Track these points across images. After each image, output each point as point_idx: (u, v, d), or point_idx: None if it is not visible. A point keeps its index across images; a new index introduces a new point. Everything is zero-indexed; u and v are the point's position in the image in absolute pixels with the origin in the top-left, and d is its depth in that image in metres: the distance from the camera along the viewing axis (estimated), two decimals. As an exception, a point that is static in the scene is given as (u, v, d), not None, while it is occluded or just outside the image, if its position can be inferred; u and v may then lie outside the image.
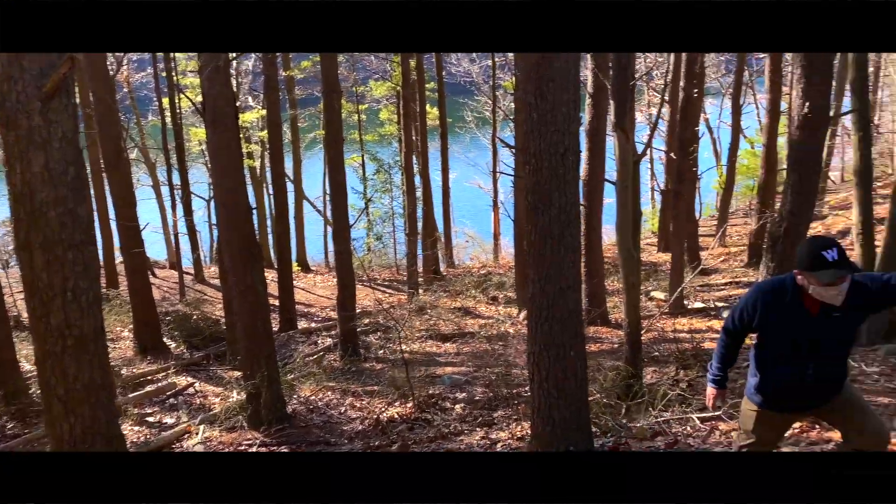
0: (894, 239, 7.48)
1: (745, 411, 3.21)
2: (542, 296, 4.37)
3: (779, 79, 15.81)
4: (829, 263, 2.59)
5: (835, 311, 2.74)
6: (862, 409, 3.02)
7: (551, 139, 4.08)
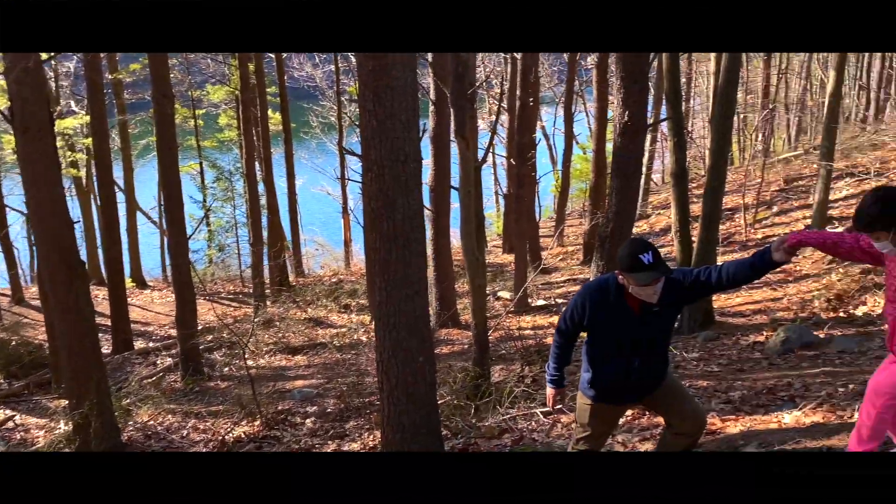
0: (707, 233, 8.29)
1: (581, 406, 3.39)
2: (389, 303, 4.36)
3: (605, 89, 16.97)
4: (645, 266, 2.79)
5: (653, 308, 2.97)
6: (681, 396, 3.29)
7: (391, 146, 4.08)
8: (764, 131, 20.47)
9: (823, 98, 19.93)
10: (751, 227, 15.65)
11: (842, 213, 13.64)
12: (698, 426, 3.26)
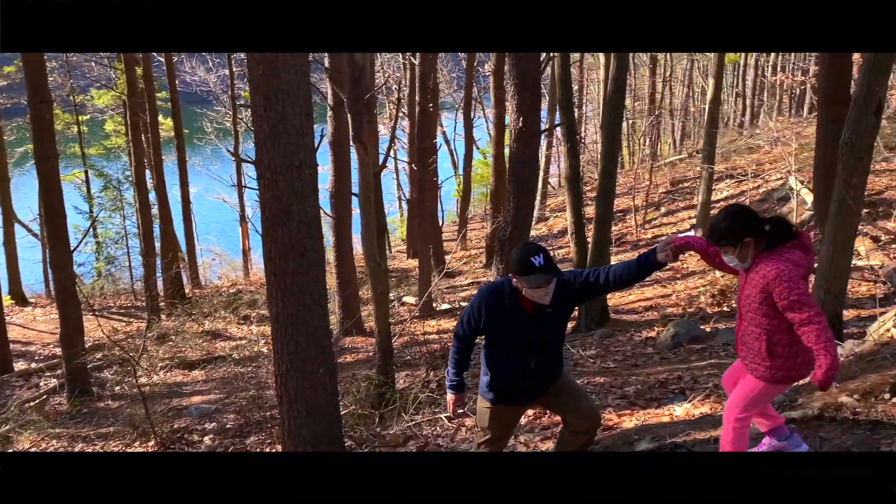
0: (601, 234, 8.59)
1: (481, 409, 3.41)
2: (286, 313, 4.24)
3: (502, 95, 17.28)
4: (536, 269, 2.86)
5: (546, 310, 3.03)
6: (576, 394, 3.37)
7: (285, 151, 3.97)
8: (651, 136, 21.51)
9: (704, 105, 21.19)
10: (641, 227, 16.38)
11: (723, 212, 14.52)
12: (593, 423, 3.35)
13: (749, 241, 2.48)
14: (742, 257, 2.51)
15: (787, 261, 2.39)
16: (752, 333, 2.53)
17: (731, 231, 2.52)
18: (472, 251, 19.97)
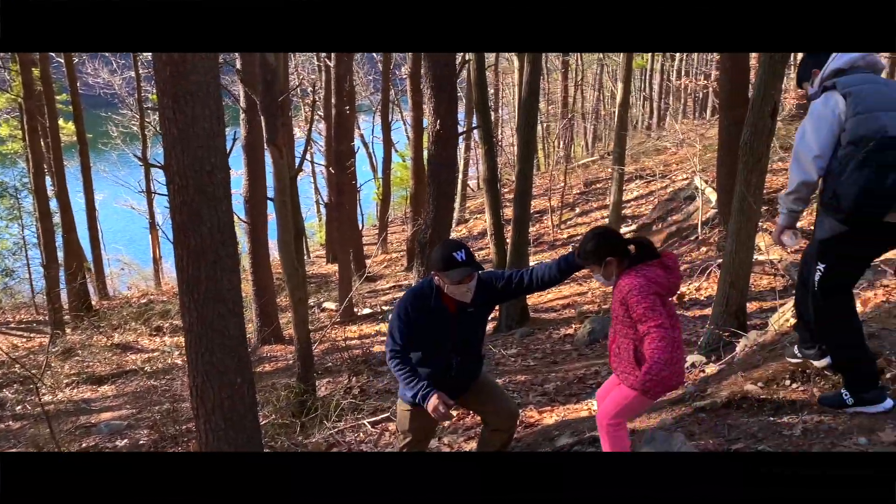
0: (519, 235, 8.73)
1: (401, 412, 3.41)
2: (201, 322, 4.08)
3: (419, 98, 17.33)
4: (459, 263, 2.88)
5: (468, 308, 3.05)
6: (495, 393, 3.41)
7: (195, 155, 3.83)
8: (565, 139, 22.06)
9: (614, 108, 21.91)
10: (557, 227, 16.78)
11: (633, 212, 15.05)
12: (511, 421, 3.41)
13: (612, 260, 2.63)
14: (606, 275, 2.67)
15: (642, 276, 2.54)
16: (622, 344, 2.67)
17: (595, 252, 2.68)
18: (393, 254, 19.93)
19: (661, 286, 2.55)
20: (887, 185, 2.43)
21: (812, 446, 2.65)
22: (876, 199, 2.45)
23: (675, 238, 11.62)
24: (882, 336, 3.29)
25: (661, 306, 2.49)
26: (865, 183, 2.45)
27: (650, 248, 2.66)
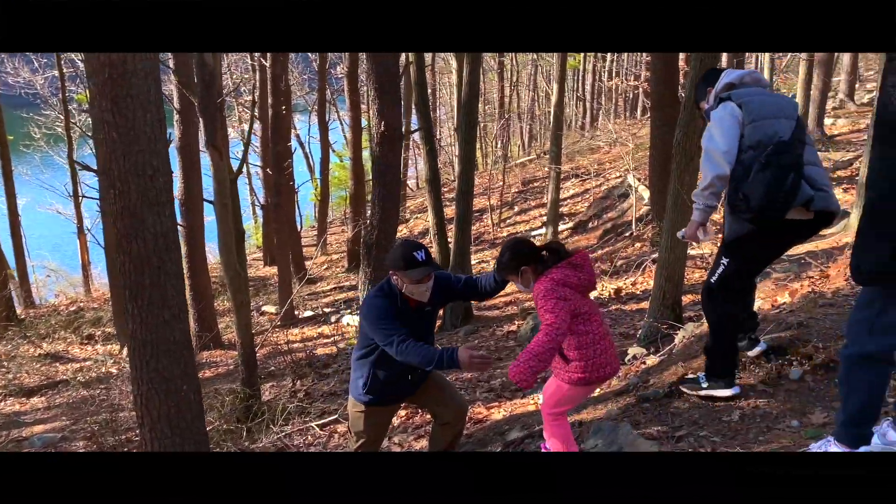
0: (462, 234, 8.84)
1: (354, 414, 3.44)
2: (145, 330, 4.00)
3: (357, 98, 17.27)
4: (419, 263, 2.94)
5: (426, 307, 3.11)
6: (443, 387, 3.48)
7: (136, 160, 3.76)
8: (502, 138, 22.32)
9: (549, 108, 22.30)
10: (497, 226, 17.00)
11: (570, 209, 15.39)
12: (461, 416, 3.49)
13: (526, 269, 2.77)
14: (524, 283, 2.80)
15: (549, 279, 2.67)
16: None
17: (510, 264, 2.81)
18: (334, 256, 19.78)
19: (571, 285, 2.67)
20: (787, 184, 2.66)
21: (749, 430, 2.81)
22: (779, 197, 2.68)
23: (611, 234, 11.95)
24: (809, 325, 3.51)
25: (562, 308, 2.59)
26: (769, 182, 2.67)
27: (561, 251, 2.79)
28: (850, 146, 13.44)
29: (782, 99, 2.89)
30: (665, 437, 2.95)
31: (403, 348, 2.95)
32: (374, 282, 5.41)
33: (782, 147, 2.69)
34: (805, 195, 2.68)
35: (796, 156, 2.70)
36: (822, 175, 2.80)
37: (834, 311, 3.68)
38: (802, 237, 3.01)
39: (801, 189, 2.68)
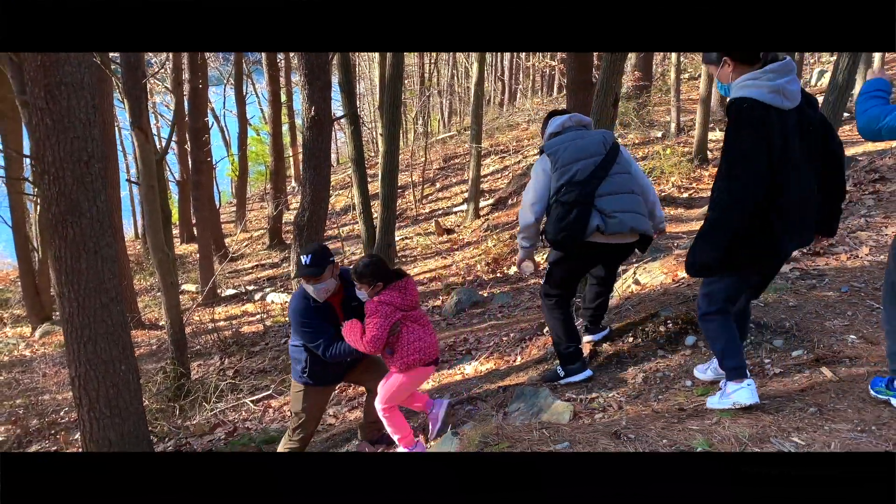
0: (387, 212, 9.04)
1: (294, 394, 3.72)
2: (83, 313, 4.08)
3: (276, 72, 17.02)
4: (302, 267, 3.31)
5: (353, 302, 3.40)
6: (375, 363, 3.77)
7: (72, 146, 3.81)
8: (423, 115, 22.46)
9: (469, 84, 22.56)
10: (419, 202, 17.25)
11: (490, 186, 15.81)
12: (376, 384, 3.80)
13: (379, 284, 3.26)
14: (371, 294, 3.29)
15: (379, 299, 3.23)
16: None
17: (370, 275, 3.26)
18: (254, 233, 19.53)
19: (396, 304, 3.24)
20: (570, 218, 3.23)
21: (650, 390, 3.22)
22: (563, 229, 3.24)
23: (530, 211, 12.40)
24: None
25: (383, 325, 3.20)
26: (555, 219, 3.28)
27: (399, 274, 3.33)
28: (747, 127, 14.36)
29: (592, 140, 3.35)
30: (580, 398, 3.33)
31: (331, 353, 3.38)
32: (306, 262, 5.57)
33: (570, 187, 3.23)
34: (593, 225, 3.21)
35: (585, 193, 3.22)
36: (624, 201, 3.26)
37: (724, 284, 4.16)
38: (621, 255, 3.54)
39: (589, 220, 3.21)
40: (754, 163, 2.43)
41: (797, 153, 2.51)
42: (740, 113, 2.46)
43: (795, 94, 2.52)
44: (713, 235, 2.54)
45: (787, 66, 2.50)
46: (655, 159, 12.15)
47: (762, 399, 2.68)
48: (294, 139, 21.48)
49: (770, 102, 2.45)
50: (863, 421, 2.43)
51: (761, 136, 2.42)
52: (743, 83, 2.49)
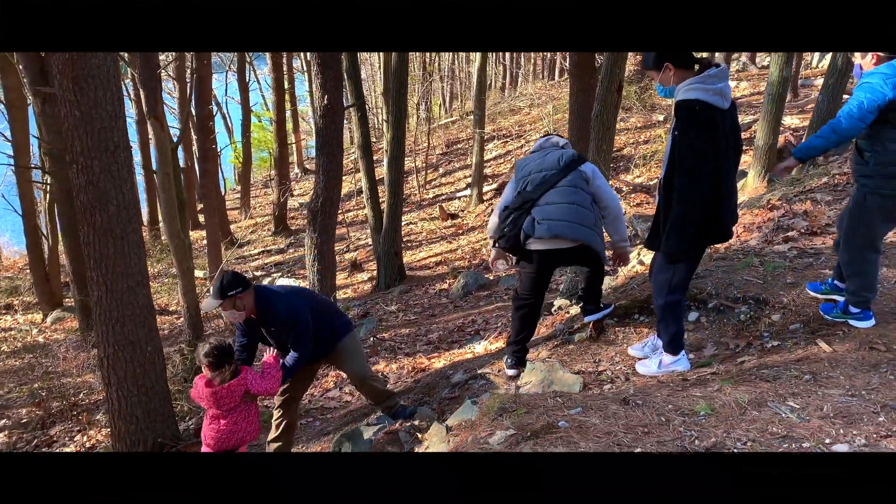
0: (394, 198, 9.21)
1: None
2: (111, 297, 4.27)
3: (279, 59, 17.12)
4: (211, 295, 3.51)
5: (270, 327, 3.65)
6: (349, 358, 4.00)
7: (99, 136, 3.98)
8: (426, 100, 22.53)
9: (470, 69, 22.57)
10: (423, 188, 17.39)
11: (493, 171, 15.95)
12: (360, 380, 4.06)
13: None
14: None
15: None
16: None
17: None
18: (259, 219, 19.70)
19: None
20: (508, 221, 3.59)
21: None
22: (502, 231, 3.61)
23: (533, 195, 12.55)
24: (705, 276, 4.15)
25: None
26: (499, 221, 3.65)
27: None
28: (749, 109, 14.49)
29: (551, 157, 3.66)
30: (589, 370, 3.52)
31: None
32: (320, 246, 5.76)
33: (518, 196, 3.60)
34: (524, 230, 3.52)
35: (525, 201, 3.55)
36: (558, 211, 3.49)
37: (725, 263, 4.33)
38: (569, 259, 3.79)
39: (522, 225, 3.53)
40: (711, 161, 2.72)
41: (731, 149, 2.83)
42: (693, 113, 2.72)
43: (730, 97, 2.81)
44: (685, 227, 2.82)
45: (724, 71, 2.79)
46: (657, 143, 12.28)
47: (761, 368, 2.86)
48: (297, 126, 21.58)
49: (714, 104, 2.73)
50: (853, 387, 2.61)
51: (712, 136, 2.71)
52: (690, 86, 2.76)
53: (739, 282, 3.91)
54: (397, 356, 5.96)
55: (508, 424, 2.40)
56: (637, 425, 2.34)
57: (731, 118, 2.84)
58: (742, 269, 4.13)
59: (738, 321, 3.60)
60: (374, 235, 9.77)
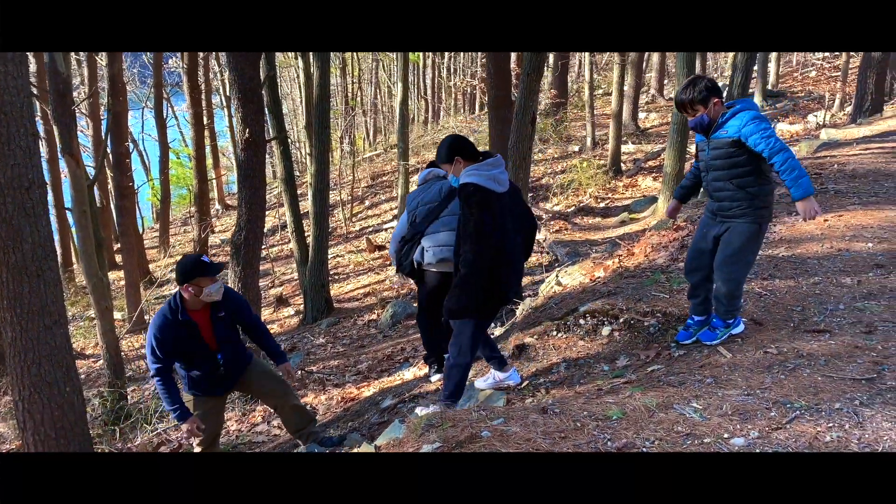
0: (319, 230, 9.23)
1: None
2: (26, 337, 4.15)
3: (198, 95, 16.92)
4: (209, 266, 3.66)
5: (220, 313, 3.75)
6: (271, 378, 4.10)
7: (13, 173, 3.91)
8: (350, 134, 22.67)
9: (392, 103, 22.89)
10: (349, 220, 17.42)
11: (419, 202, 16.12)
12: (280, 396, 4.13)
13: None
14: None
15: None
16: None
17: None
18: (178, 257, 19.17)
19: None
20: (403, 251, 4.14)
21: (573, 377, 3.59)
22: (399, 259, 4.17)
23: (457, 225, 12.79)
24: (616, 292, 4.40)
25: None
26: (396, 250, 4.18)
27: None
28: (658, 138, 15.29)
29: (433, 190, 4.11)
30: (511, 389, 3.67)
31: (156, 381, 3.80)
32: (245, 280, 5.74)
33: (410, 227, 4.09)
34: (416, 257, 4.04)
35: (414, 231, 4.05)
36: (441, 238, 3.97)
37: (635, 280, 4.60)
38: None
39: (413, 253, 4.06)
40: (493, 233, 3.13)
41: (509, 225, 3.27)
42: (471, 195, 3.13)
43: (505, 182, 3.28)
44: (468, 286, 3.19)
45: (498, 161, 3.27)
46: (573, 172, 12.78)
47: (669, 375, 3.08)
48: (217, 161, 21.28)
49: (489, 187, 3.15)
50: (749, 387, 2.85)
51: (490, 212, 3.13)
52: (469, 172, 3.20)
53: (648, 297, 4.17)
54: (326, 388, 5.97)
55: (434, 438, 2.51)
56: (555, 431, 2.49)
57: (511, 198, 3.32)
58: (650, 286, 4.40)
59: (647, 334, 3.83)
60: (301, 269, 9.75)
